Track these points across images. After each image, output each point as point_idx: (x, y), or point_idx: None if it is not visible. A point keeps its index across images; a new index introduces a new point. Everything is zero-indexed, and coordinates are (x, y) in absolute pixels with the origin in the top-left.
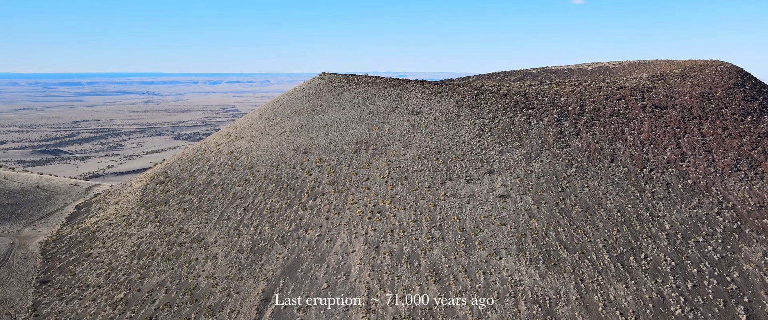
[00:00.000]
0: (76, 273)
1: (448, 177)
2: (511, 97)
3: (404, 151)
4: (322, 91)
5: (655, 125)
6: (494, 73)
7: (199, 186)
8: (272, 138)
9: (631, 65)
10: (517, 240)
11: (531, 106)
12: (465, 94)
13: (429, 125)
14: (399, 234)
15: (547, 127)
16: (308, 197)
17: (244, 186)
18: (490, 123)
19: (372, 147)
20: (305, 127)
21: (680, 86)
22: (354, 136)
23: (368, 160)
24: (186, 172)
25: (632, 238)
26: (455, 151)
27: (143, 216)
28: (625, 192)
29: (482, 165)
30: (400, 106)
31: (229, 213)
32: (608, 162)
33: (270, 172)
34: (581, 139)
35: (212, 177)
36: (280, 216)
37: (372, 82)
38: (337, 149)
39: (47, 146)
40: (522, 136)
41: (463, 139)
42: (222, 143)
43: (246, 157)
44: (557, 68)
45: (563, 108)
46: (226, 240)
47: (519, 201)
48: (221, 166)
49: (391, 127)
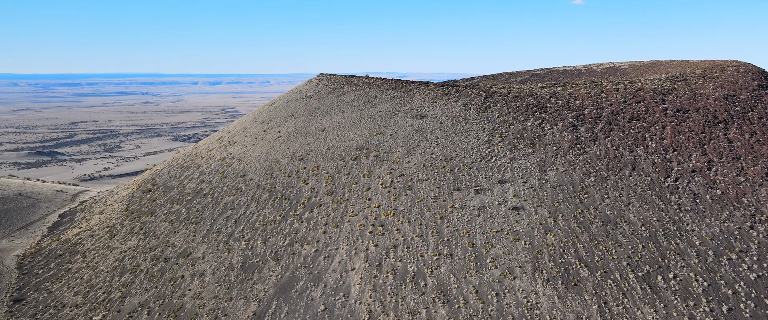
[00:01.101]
0: (53, 291)
1: (456, 187)
2: (522, 100)
3: (408, 158)
4: (320, 93)
5: (678, 130)
6: (499, 74)
7: (188, 195)
8: (267, 143)
9: (642, 66)
10: (533, 258)
11: (544, 110)
12: (473, 97)
13: (434, 130)
14: (403, 251)
15: (561, 132)
16: (304, 208)
17: (235, 196)
18: (501, 128)
19: (373, 153)
20: (302, 131)
21: (702, 88)
22: (354, 141)
23: (369, 168)
24: (175, 180)
25: (659, 255)
26: (463, 159)
27: (128, 227)
28: (649, 203)
29: (493, 174)
30: (403, 110)
31: (219, 225)
32: (629, 171)
33: (264, 181)
34: (599, 146)
35: (202, 186)
36: (274, 229)
37: (373, 83)
38: (335, 156)
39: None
40: (535, 141)
41: (472, 145)
42: (214, 148)
43: (238, 164)
44: (565, 69)
45: (578, 111)
46: (214, 256)
47: (533, 214)
48: (212, 174)
49: (394, 132)
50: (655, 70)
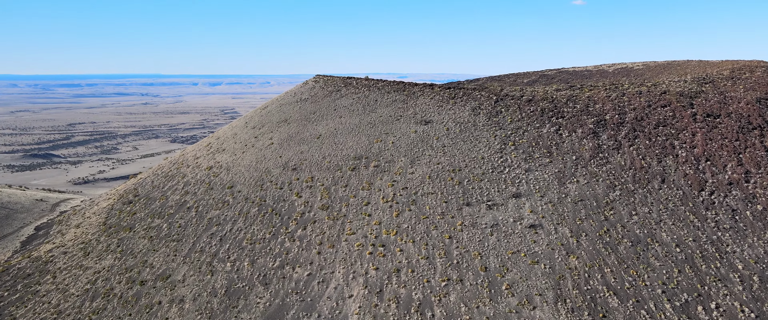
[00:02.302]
0: (17, 318)
1: (466, 202)
2: (536, 104)
3: (412, 169)
4: (316, 96)
5: (710, 137)
6: (505, 75)
7: (171, 208)
8: (257, 151)
9: (657, 66)
10: (554, 284)
11: (561, 115)
12: (482, 100)
13: (441, 137)
14: (407, 275)
15: (581, 139)
16: (297, 225)
17: (221, 210)
18: (514, 135)
19: (373, 163)
20: (295, 138)
21: (732, 90)
22: (352, 149)
23: (369, 180)
24: (158, 190)
25: (698, 281)
26: (473, 170)
27: (104, 244)
28: (683, 221)
29: (506, 187)
30: (406, 115)
31: (203, 243)
32: (658, 184)
33: (253, 193)
34: (623, 155)
35: (186, 198)
36: (263, 248)
37: (373, 85)
38: (331, 166)
39: (39, 149)
40: (552, 150)
41: (482, 154)
42: (201, 156)
43: (226, 174)
44: (575, 70)
45: (599, 117)
46: (196, 279)
47: (553, 233)
48: (197, 184)
49: (396, 139)
50: (671, 70)
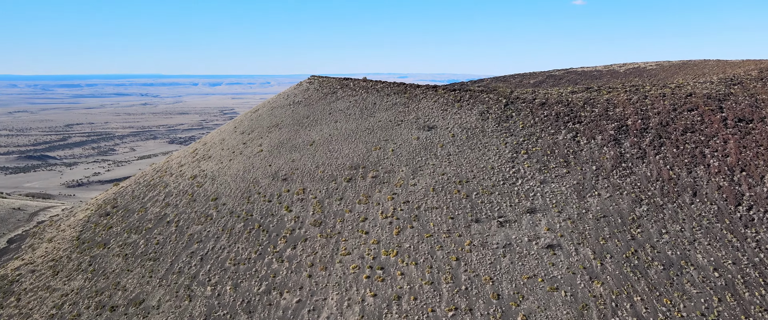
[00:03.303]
0: None
1: (475, 218)
2: (550, 108)
3: (414, 180)
4: (310, 98)
5: (743, 144)
6: (510, 76)
7: (150, 222)
8: (245, 159)
9: (672, 66)
10: (577, 315)
11: (578, 120)
12: (490, 104)
13: (446, 145)
14: (409, 304)
15: (601, 147)
16: (286, 243)
17: (204, 225)
18: (526, 142)
19: (371, 174)
20: (287, 145)
21: (763, 93)
22: (348, 158)
23: (366, 192)
24: (138, 202)
25: (741, 312)
26: (482, 181)
27: (75, 262)
28: (720, 240)
29: (519, 201)
30: (407, 119)
31: (182, 263)
32: (690, 197)
33: (239, 206)
34: (649, 165)
35: (167, 211)
36: (248, 270)
37: (371, 87)
38: (325, 176)
39: (35, 151)
40: (569, 159)
41: (492, 163)
42: (186, 163)
43: (211, 184)
44: (583, 70)
45: (620, 122)
46: (172, 305)
47: (574, 254)
48: (180, 195)
49: (396, 146)
50: (687, 70)
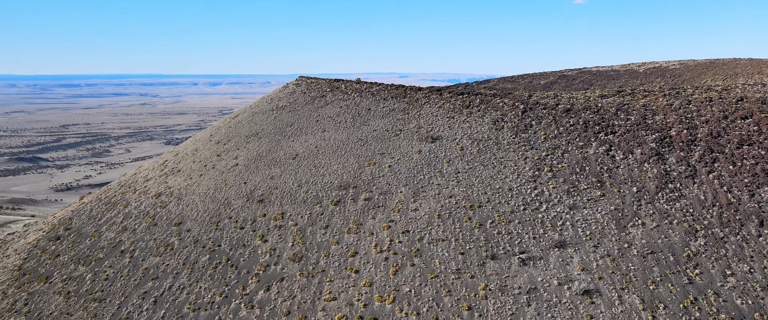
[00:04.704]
0: None
1: (491, 254)
2: (577, 115)
3: (415, 204)
4: (296, 103)
5: None
6: (519, 76)
7: (102, 250)
8: (218, 174)
9: (698, 66)
10: None
11: (611, 129)
12: (505, 110)
13: (453, 160)
14: None
15: (641, 164)
16: (258, 283)
17: (162, 257)
18: (550, 157)
19: (363, 195)
20: (266, 158)
21: None
22: (336, 175)
23: (357, 219)
24: (93, 223)
25: None
26: (498, 206)
27: (10, 300)
28: None
29: (545, 232)
30: (407, 129)
31: (131, 307)
32: (756, 227)
33: (205, 233)
34: (702, 186)
35: (122, 237)
36: (210, 319)
37: (365, 90)
38: (309, 198)
39: (27, 153)
40: (604, 179)
41: (509, 184)
42: (152, 178)
43: (176, 205)
44: (598, 70)
45: (662, 132)
46: None
47: (617, 303)
48: (140, 218)
49: (394, 162)
50: (715, 70)
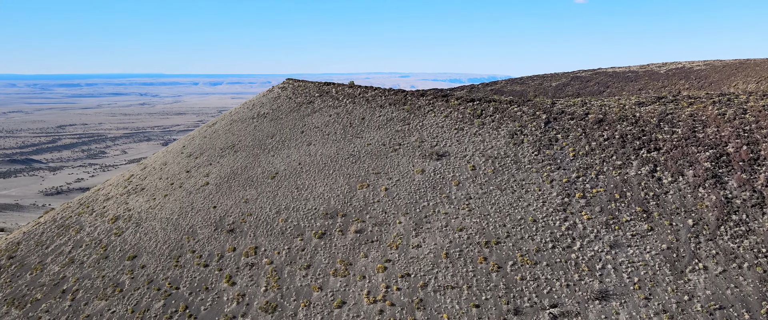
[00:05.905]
0: None
1: (513, 308)
2: (612, 127)
3: (417, 239)
4: (280, 109)
5: None
6: (527, 77)
7: (41, 289)
8: (185, 195)
9: (726, 67)
10: None
11: (655, 145)
12: (525, 120)
13: (463, 182)
14: None
15: (694, 189)
16: None
17: (109, 301)
18: (582, 179)
19: (354, 226)
20: (241, 176)
21: None
22: (322, 199)
23: (346, 257)
24: (40, 252)
25: None
26: (520, 242)
27: None
28: None
29: (581, 278)
30: (407, 142)
31: None
32: None
33: (163, 272)
34: None
35: (67, 271)
36: None
37: (359, 95)
38: (288, 228)
39: (21, 154)
40: (650, 208)
41: (533, 213)
42: (113, 196)
43: (133, 233)
44: (614, 71)
45: (717, 148)
46: None
47: None
48: (91, 247)
49: (392, 183)
50: (747, 71)
